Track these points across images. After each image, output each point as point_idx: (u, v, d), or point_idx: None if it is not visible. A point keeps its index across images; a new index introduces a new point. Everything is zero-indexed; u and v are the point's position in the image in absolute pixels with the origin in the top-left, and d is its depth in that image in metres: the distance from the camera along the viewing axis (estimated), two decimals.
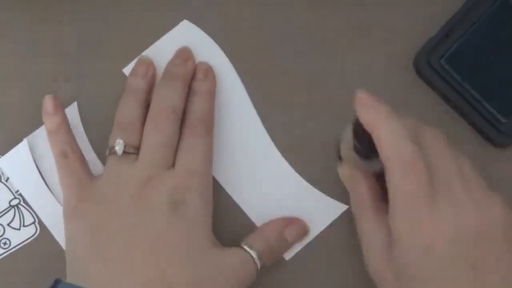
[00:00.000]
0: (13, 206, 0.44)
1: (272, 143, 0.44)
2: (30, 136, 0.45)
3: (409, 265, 0.35)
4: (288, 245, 0.42)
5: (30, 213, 0.44)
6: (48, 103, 0.43)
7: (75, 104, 0.45)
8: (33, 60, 0.45)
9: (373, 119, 0.36)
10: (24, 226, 0.44)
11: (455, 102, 0.43)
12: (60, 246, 0.43)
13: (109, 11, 0.46)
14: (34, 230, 0.44)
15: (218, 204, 0.43)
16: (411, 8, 0.45)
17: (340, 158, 0.41)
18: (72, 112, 0.45)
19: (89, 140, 0.45)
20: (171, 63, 0.44)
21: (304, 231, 0.42)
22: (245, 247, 0.40)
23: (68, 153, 0.42)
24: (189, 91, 0.43)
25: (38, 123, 0.44)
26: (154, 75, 0.44)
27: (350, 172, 0.40)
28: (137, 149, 0.41)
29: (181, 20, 0.45)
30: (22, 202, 0.44)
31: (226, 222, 0.43)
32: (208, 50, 0.45)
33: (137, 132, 0.42)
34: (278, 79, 0.45)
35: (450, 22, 0.44)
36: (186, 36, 0.45)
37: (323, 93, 0.45)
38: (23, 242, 0.44)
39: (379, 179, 0.38)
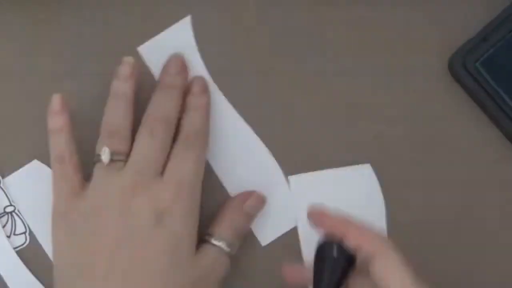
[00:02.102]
0: (7, 213, 0.44)
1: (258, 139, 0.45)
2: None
3: None
4: (250, 219, 0.43)
5: (23, 222, 0.44)
6: (55, 102, 0.42)
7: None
8: (33, 60, 0.45)
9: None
10: (14, 234, 0.44)
11: (487, 106, 0.43)
12: (48, 259, 0.43)
13: (109, 11, 0.45)
14: (23, 240, 0.44)
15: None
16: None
17: None
18: None
19: (89, 140, 0.44)
20: (166, 72, 0.44)
21: (262, 200, 0.43)
22: (215, 242, 0.41)
23: (65, 158, 0.41)
24: (184, 104, 0.43)
25: (38, 123, 0.44)
26: (138, 77, 0.43)
27: None
28: (124, 155, 0.41)
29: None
30: (16, 210, 0.44)
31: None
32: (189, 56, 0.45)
33: (125, 139, 0.41)
34: (280, 79, 0.45)
35: (490, 25, 0.44)
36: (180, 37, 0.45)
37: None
38: None
39: None
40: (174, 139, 0.42)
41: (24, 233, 0.43)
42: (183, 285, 0.38)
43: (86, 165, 0.42)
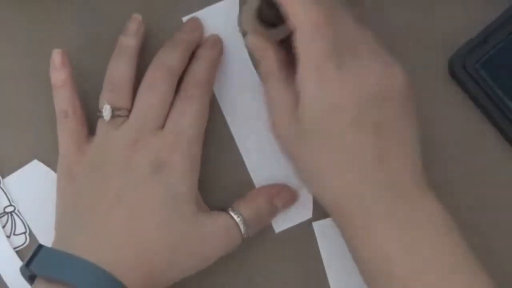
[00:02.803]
0: (7, 213, 0.44)
1: None
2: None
3: (314, 119, 0.36)
4: (276, 212, 0.42)
5: (22, 222, 0.44)
6: (56, 57, 0.42)
7: None
8: (33, 60, 0.45)
9: None
10: (14, 234, 0.44)
11: (486, 108, 0.43)
12: None
13: (109, 11, 0.45)
14: (23, 240, 0.43)
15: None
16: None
17: (243, 33, 0.42)
18: None
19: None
20: (179, 31, 0.43)
21: (294, 198, 0.43)
22: (232, 213, 0.40)
23: (69, 112, 0.42)
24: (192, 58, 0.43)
25: (38, 123, 0.44)
26: (144, 33, 0.43)
27: (259, 40, 0.40)
28: (126, 110, 0.41)
29: (179, 21, 0.45)
30: (16, 210, 0.44)
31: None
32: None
33: (127, 93, 0.41)
34: None
35: (490, 27, 0.43)
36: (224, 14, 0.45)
37: None
38: None
39: (285, 46, 0.39)
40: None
41: (24, 233, 0.43)
42: (182, 240, 0.38)
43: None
